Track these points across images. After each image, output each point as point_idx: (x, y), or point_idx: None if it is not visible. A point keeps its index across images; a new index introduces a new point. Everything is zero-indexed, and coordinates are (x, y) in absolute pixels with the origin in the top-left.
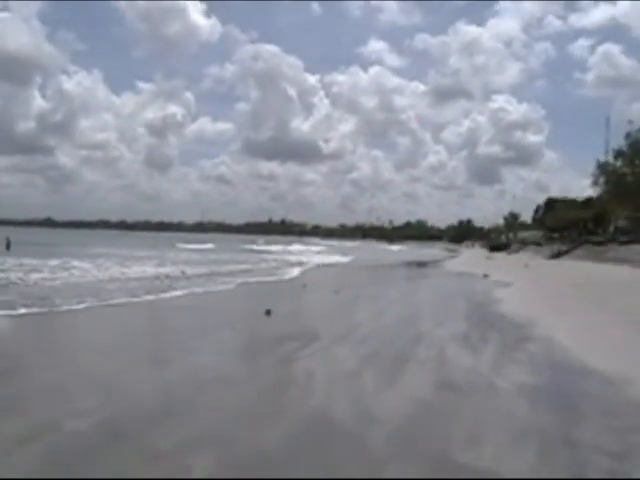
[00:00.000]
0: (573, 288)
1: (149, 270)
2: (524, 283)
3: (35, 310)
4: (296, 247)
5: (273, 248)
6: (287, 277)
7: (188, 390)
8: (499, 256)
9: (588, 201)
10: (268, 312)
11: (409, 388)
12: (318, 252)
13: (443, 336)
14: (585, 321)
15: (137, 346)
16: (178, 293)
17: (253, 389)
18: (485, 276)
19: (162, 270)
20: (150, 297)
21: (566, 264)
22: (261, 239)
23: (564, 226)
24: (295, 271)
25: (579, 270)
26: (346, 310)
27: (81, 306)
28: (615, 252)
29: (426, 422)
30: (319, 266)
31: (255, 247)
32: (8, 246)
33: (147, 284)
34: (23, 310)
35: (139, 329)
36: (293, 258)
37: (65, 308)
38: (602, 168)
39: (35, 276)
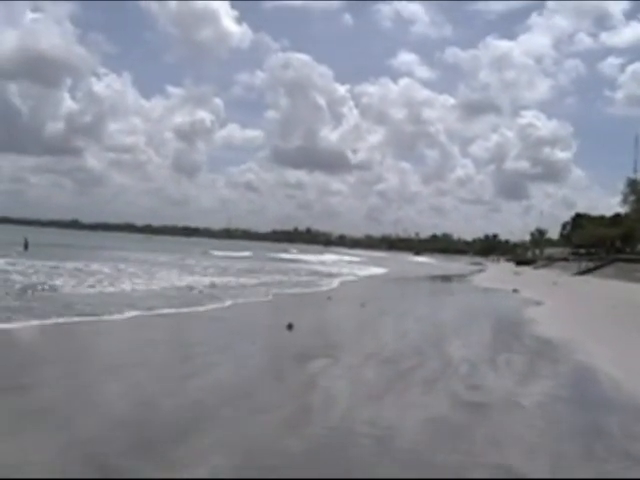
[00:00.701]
0: (609, 309)
1: (189, 279)
2: (556, 301)
3: (71, 320)
4: (329, 257)
5: (307, 258)
6: (325, 289)
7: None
8: (526, 271)
9: (616, 218)
10: (290, 326)
11: (433, 419)
12: (352, 262)
13: (475, 360)
14: (631, 349)
15: (154, 360)
16: (214, 305)
17: (262, 414)
18: (515, 291)
19: (203, 280)
20: (191, 309)
21: (596, 282)
22: (293, 248)
23: (592, 243)
24: (334, 282)
25: (611, 290)
26: (372, 327)
27: (126, 315)
28: None
29: (449, 459)
30: (360, 278)
31: (289, 256)
32: (26, 247)
33: (188, 294)
34: (61, 319)
35: (167, 342)
36: (330, 269)
37: (108, 317)
38: (632, 186)
39: (59, 281)
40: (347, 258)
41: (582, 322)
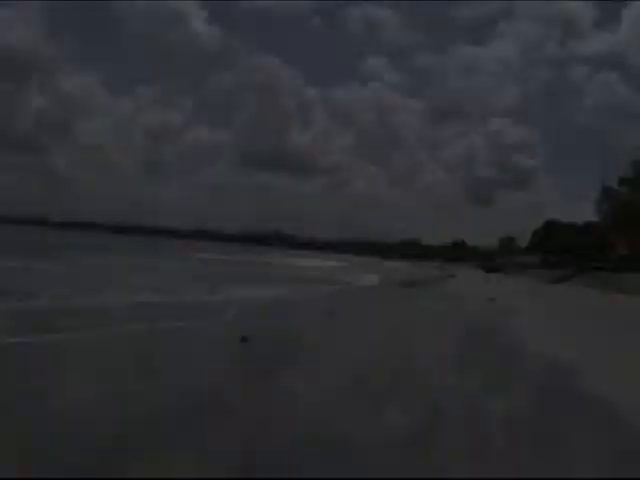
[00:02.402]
0: (603, 323)
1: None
2: (538, 312)
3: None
4: (314, 262)
5: (294, 262)
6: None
7: None
8: (497, 278)
9: (587, 226)
10: (244, 339)
11: None
12: (341, 268)
13: (465, 388)
14: None
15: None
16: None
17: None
18: (491, 300)
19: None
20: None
21: (577, 292)
22: (273, 251)
23: (563, 251)
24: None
25: (594, 300)
26: (349, 341)
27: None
28: (627, 281)
29: None
30: (362, 287)
31: (275, 261)
32: None
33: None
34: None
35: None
36: (324, 275)
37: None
38: (606, 194)
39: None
40: (333, 263)
41: (579, 338)
